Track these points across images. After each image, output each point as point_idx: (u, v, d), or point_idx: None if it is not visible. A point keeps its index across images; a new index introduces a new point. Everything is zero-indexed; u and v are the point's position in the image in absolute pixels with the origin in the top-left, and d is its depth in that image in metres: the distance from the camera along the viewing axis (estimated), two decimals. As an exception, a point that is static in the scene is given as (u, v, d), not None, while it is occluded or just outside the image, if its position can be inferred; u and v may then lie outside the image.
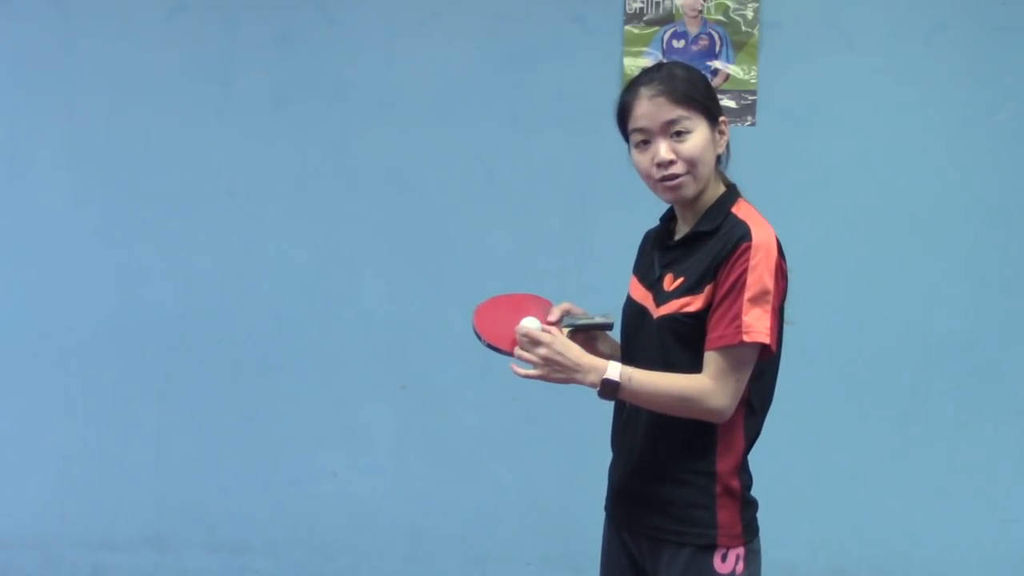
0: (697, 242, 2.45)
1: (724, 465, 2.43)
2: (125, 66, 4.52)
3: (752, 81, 4.31)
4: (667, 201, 2.49)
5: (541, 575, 4.35)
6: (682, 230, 2.52)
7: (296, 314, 4.48)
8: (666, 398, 2.36)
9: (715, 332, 2.35)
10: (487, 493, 4.43)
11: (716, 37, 4.32)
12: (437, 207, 4.45)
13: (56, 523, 4.54)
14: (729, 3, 4.32)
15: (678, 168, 2.41)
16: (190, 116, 4.51)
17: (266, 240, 4.50)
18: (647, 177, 2.45)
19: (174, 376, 4.51)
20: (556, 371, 2.38)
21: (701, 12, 4.32)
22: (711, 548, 2.41)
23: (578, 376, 2.37)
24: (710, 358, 2.35)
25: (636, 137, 2.45)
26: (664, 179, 2.42)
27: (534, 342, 2.38)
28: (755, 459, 2.56)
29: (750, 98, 4.31)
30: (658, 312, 2.43)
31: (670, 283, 2.45)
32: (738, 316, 2.33)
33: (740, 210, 2.46)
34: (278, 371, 4.49)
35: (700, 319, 2.39)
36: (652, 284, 2.49)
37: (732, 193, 2.50)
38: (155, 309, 4.51)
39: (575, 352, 2.37)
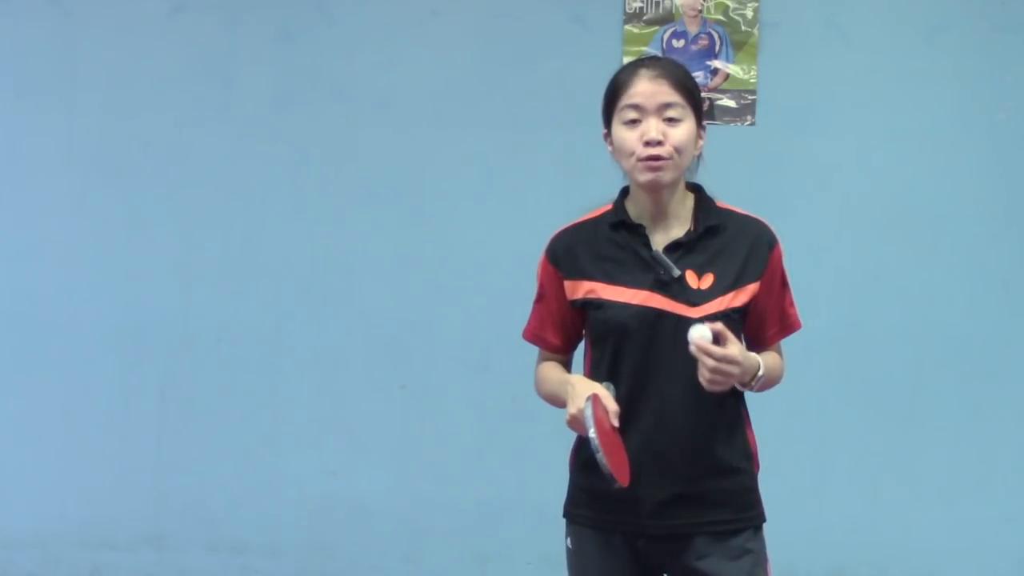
0: (706, 238, 2.46)
1: (754, 444, 2.53)
2: (125, 66, 4.52)
3: (752, 81, 4.31)
4: (642, 183, 2.44)
5: (541, 575, 4.35)
6: (660, 231, 2.48)
7: (296, 314, 4.48)
8: (772, 380, 2.51)
9: (783, 322, 2.54)
10: (487, 493, 4.43)
11: (716, 37, 4.32)
12: (437, 207, 4.45)
13: (56, 523, 4.54)
14: (729, 3, 4.32)
15: (664, 150, 2.41)
16: (190, 116, 4.51)
17: (266, 240, 4.49)
18: (629, 155, 2.43)
19: (174, 376, 4.51)
20: (731, 370, 2.34)
21: (701, 12, 4.32)
22: (761, 525, 2.51)
23: (747, 372, 2.39)
24: (779, 344, 2.56)
25: (627, 114, 2.43)
26: (648, 158, 2.41)
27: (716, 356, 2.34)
28: (755, 459, 2.58)
29: (750, 98, 4.31)
30: (700, 312, 2.40)
31: (696, 281, 2.44)
32: (792, 305, 2.56)
33: (725, 205, 2.54)
34: (278, 371, 4.49)
35: (741, 313, 2.46)
36: (662, 285, 2.43)
37: (705, 191, 2.55)
38: (155, 309, 4.50)
39: (743, 353, 2.38)
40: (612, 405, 2.35)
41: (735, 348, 2.32)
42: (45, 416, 4.55)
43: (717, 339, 2.32)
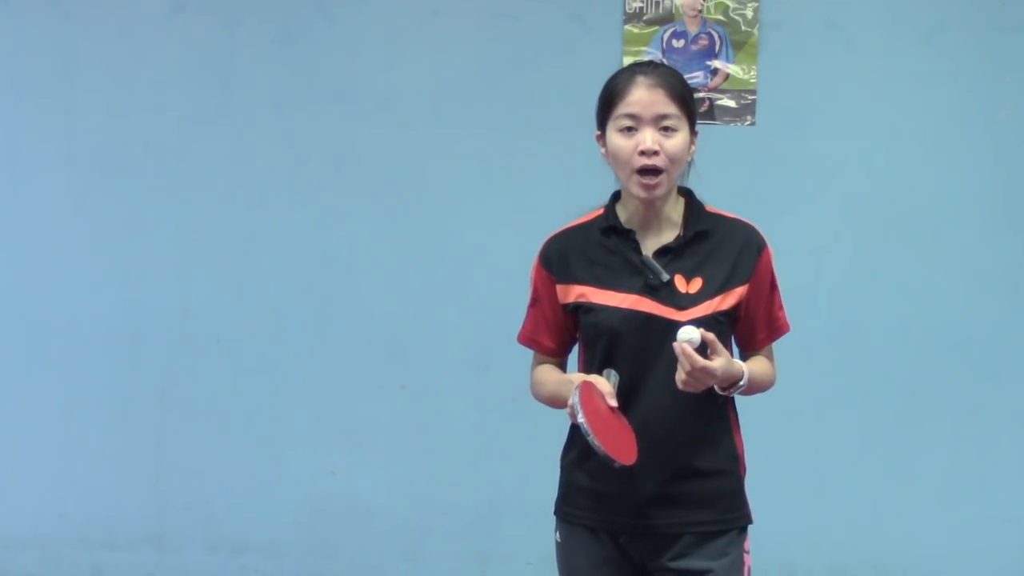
0: (695, 243, 2.48)
1: (740, 447, 2.54)
2: (125, 66, 4.52)
3: (752, 81, 4.31)
4: (638, 194, 2.46)
5: (541, 575, 4.35)
6: (650, 236, 2.50)
7: (296, 314, 4.48)
8: (760, 386, 2.53)
9: (772, 326, 2.54)
10: (487, 493, 4.43)
11: (716, 37, 4.32)
12: (437, 207, 4.45)
13: (56, 523, 4.54)
14: (729, 3, 4.32)
15: (660, 161, 2.43)
16: (190, 116, 4.51)
17: (266, 240, 4.49)
18: (625, 163, 2.45)
19: (174, 376, 4.51)
20: (706, 380, 2.35)
21: (701, 12, 4.32)
22: (745, 528, 2.52)
23: (726, 379, 2.39)
24: (770, 347, 2.57)
25: (623, 122, 2.45)
26: (644, 169, 2.42)
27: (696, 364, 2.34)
28: (755, 459, 2.58)
29: (750, 98, 4.31)
30: (688, 315, 2.42)
31: (685, 285, 2.45)
32: (781, 308, 2.56)
33: (714, 210, 2.55)
34: (278, 371, 4.49)
35: (729, 316, 2.47)
36: (651, 289, 2.45)
37: (695, 196, 2.56)
38: (155, 309, 4.50)
39: (725, 365, 2.37)
40: (605, 387, 2.39)
41: (720, 361, 2.34)
42: (45, 416, 4.55)
43: (706, 346, 2.34)
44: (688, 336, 2.33)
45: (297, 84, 4.48)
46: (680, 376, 2.34)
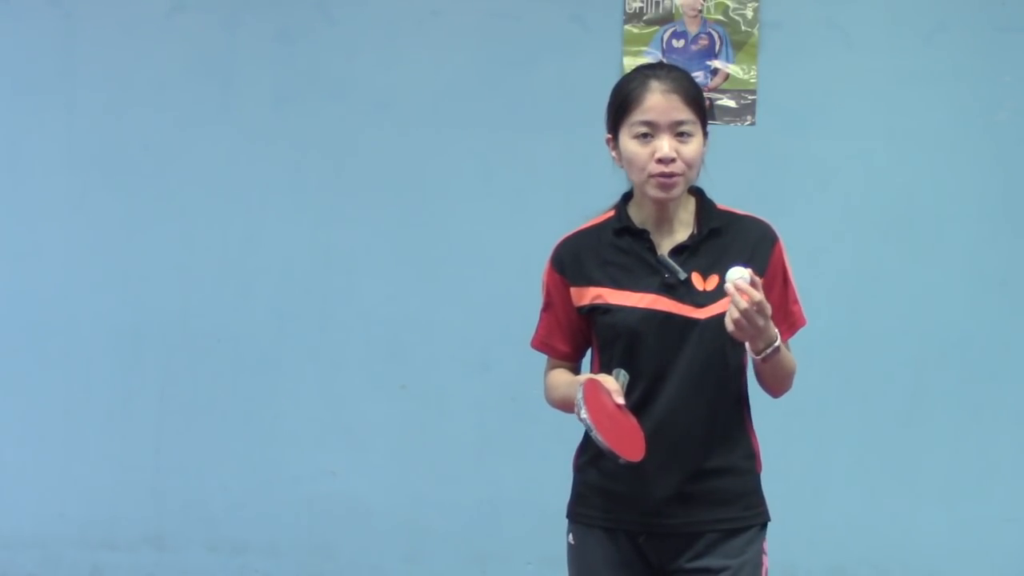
0: (709, 240, 2.48)
1: (756, 445, 2.55)
2: (125, 66, 4.52)
3: (752, 81, 4.31)
4: (655, 198, 2.45)
5: (541, 575, 4.36)
6: (664, 235, 2.50)
7: (296, 314, 4.48)
8: (787, 370, 2.50)
9: (788, 320, 2.51)
10: (487, 493, 4.43)
11: (716, 37, 4.32)
12: (437, 207, 4.45)
13: (56, 523, 4.54)
14: (729, 3, 4.32)
15: (677, 167, 2.42)
16: (190, 116, 4.51)
17: (266, 240, 4.50)
18: (640, 170, 2.44)
19: (174, 376, 4.51)
20: (758, 319, 2.30)
21: (701, 12, 4.32)
22: (765, 526, 2.53)
23: (767, 333, 2.34)
24: (788, 344, 2.52)
25: (639, 128, 2.44)
26: (661, 175, 2.42)
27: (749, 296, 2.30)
28: (755, 459, 2.58)
29: (750, 98, 4.31)
30: (707, 313, 2.42)
31: (702, 283, 2.45)
32: (796, 302, 2.55)
33: (725, 207, 2.55)
34: (278, 371, 4.49)
35: None
36: (668, 288, 2.45)
37: (705, 194, 2.56)
38: (155, 309, 4.51)
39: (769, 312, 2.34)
40: (612, 385, 2.38)
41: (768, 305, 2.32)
42: (45, 416, 4.55)
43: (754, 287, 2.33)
44: (739, 275, 2.30)
45: (297, 84, 4.49)
46: (732, 315, 2.29)
